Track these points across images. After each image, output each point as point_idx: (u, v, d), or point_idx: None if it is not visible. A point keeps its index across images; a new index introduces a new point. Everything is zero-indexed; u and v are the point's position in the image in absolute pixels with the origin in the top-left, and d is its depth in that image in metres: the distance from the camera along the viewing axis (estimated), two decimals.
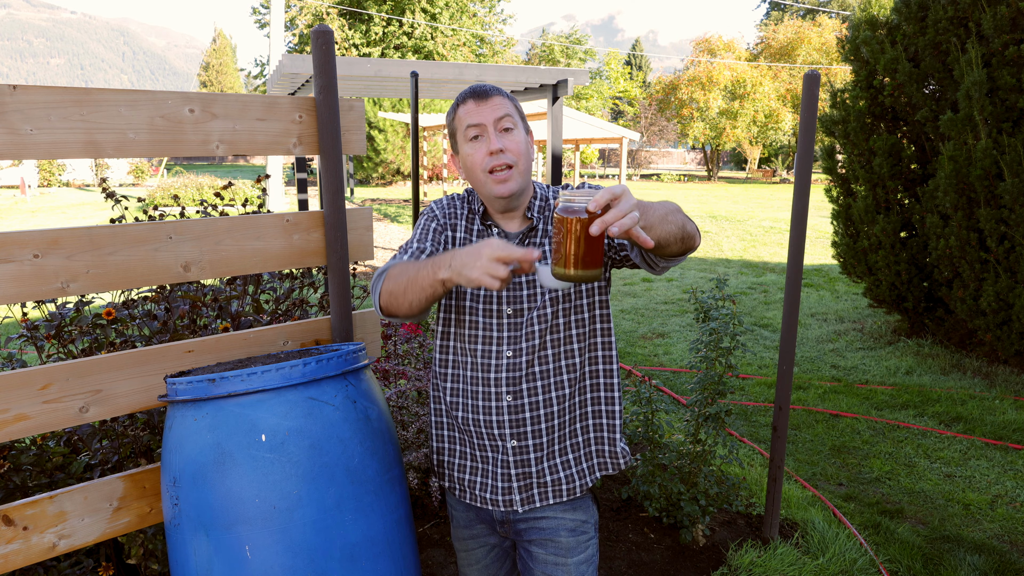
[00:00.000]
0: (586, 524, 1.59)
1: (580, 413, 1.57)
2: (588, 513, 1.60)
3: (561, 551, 1.57)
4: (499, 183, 1.44)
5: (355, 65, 6.61)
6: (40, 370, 1.59)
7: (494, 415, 1.52)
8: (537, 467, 1.54)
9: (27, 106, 1.52)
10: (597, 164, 47.89)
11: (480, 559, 1.69)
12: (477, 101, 1.45)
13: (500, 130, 1.45)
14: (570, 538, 1.57)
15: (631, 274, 9.72)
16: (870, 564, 2.73)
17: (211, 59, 63.43)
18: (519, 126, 1.48)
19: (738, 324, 2.76)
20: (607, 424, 1.58)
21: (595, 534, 1.62)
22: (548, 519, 1.57)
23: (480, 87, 1.48)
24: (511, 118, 1.46)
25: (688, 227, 1.30)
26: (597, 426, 1.58)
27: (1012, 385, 4.96)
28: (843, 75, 27.52)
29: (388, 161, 28.33)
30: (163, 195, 17.77)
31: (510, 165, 1.44)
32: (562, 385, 1.52)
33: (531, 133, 1.56)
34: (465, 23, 31.20)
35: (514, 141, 1.45)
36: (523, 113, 1.54)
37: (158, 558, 2.04)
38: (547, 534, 1.57)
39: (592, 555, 1.61)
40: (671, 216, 1.26)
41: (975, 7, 5.05)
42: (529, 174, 1.50)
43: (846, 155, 6.20)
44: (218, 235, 1.81)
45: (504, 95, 1.49)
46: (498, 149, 1.43)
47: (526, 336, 1.49)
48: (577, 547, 1.58)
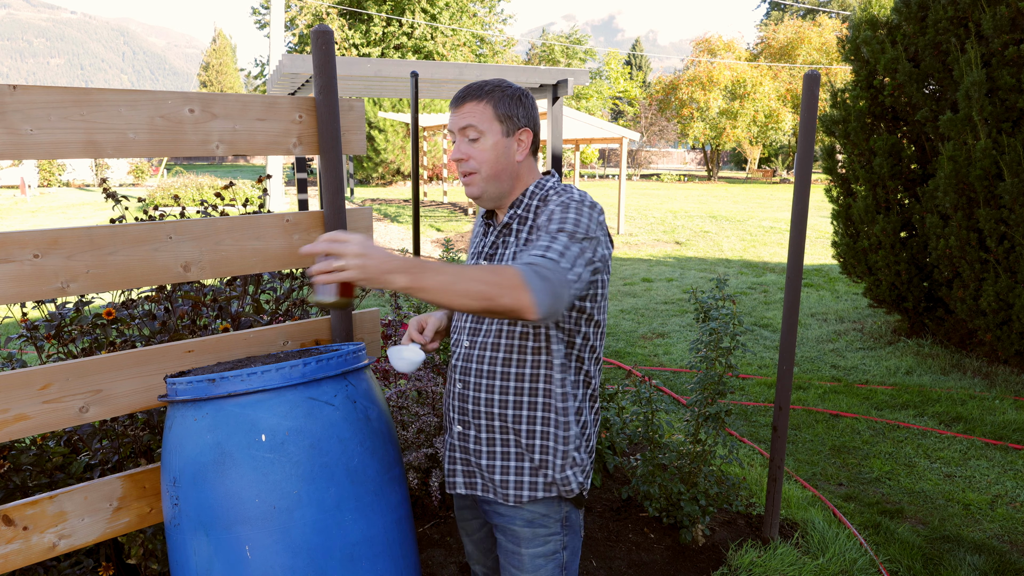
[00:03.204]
0: (547, 519, 1.57)
1: (527, 426, 1.53)
2: (551, 508, 1.57)
3: (516, 540, 1.58)
4: (465, 185, 1.54)
5: (355, 65, 6.61)
6: (40, 370, 1.59)
7: (449, 399, 1.65)
8: (476, 459, 1.59)
9: (27, 106, 1.52)
10: (597, 164, 47.89)
11: (472, 531, 1.77)
12: (454, 107, 1.53)
13: (466, 139, 1.51)
14: (526, 529, 1.57)
15: (631, 274, 9.73)
16: (870, 564, 2.73)
17: (211, 59, 63.41)
18: (489, 133, 1.49)
19: (738, 324, 2.76)
20: (553, 447, 1.53)
21: (561, 531, 1.58)
22: (507, 506, 1.58)
23: (461, 91, 1.52)
24: (475, 128, 1.49)
25: (490, 294, 1.21)
26: (544, 448, 1.53)
27: (1012, 385, 4.96)
28: (843, 75, 27.52)
29: (388, 161, 28.32)
30: (163, 195, 17.76)
31: (471, 172, 1.51)
32: (507, 390, 1.53)
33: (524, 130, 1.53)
34: (465, 23, 31.20)
35: (478, 149, 1.50)
36: (508, 113, 1.50)
37: (158, 558, 2.04)
38: (505, 521, 1.59)
39: (554, 551, 1.58)
40: (460, 285, 1.21)
41: (975, 7, 5.05)
42: (499, 178, 1.52)
43: (846, 155, 6.20)
44: (218, 235, 1.81)
45: (482, 99, 1.49)
46: (458, 159, 1.51)
47: (484, 332, 1.56)
48: (534, 539, 1.57)
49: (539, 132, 1.58)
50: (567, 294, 1.31)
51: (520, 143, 1.53)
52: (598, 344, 1.58)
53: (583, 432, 1.57)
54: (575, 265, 1.35)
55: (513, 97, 1.52)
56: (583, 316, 1.52)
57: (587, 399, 1.58)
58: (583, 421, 1.57)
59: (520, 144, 1.53)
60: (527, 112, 1.54)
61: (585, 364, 1.55)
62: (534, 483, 1.54)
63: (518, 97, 1.52)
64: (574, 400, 1.54)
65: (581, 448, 1.56)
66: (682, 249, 12.12)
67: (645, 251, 11.92)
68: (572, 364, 1.54)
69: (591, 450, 1.61)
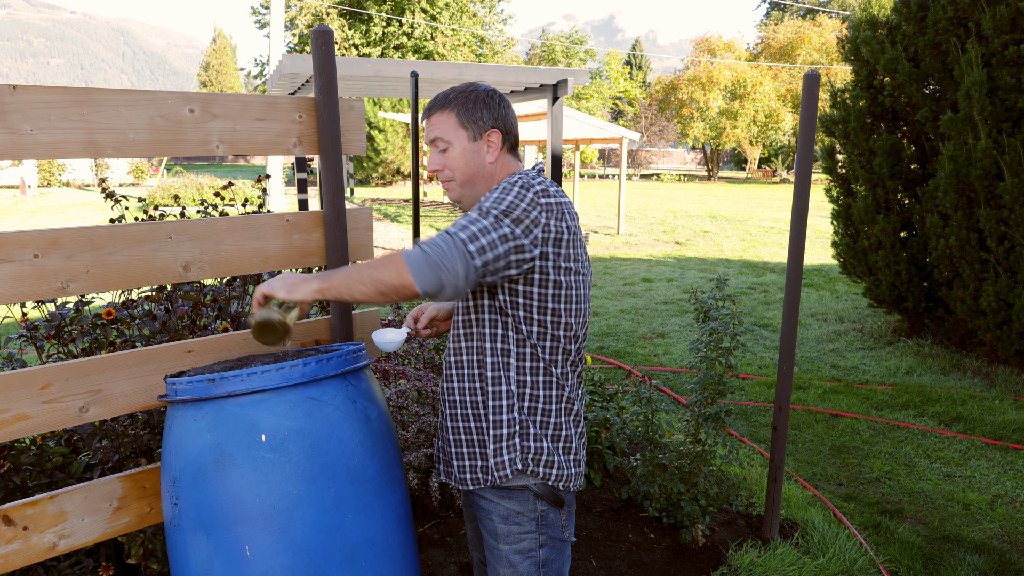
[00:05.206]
0: (520, 516, 1.57)
1: (467, 410, 1.58)
2: (524, 506, 1.56)
3: (493, 534, 1.60)
4: (446, 192, 1.61)
5: (355, 65, 6.61)
6: (40, 370, 1.59)
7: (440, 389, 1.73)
8: (447, 447, 1.64)
9: (27, 106, 1.52)
10: (597, 164, 47.87)
11: (472, 518, 1.79)
12: (424, 119, 1.60)
13: (437, 149, 1.57)
14: (502, 524, 1.58)
15: (631, 274, 9.73)
16: (870, 564, 2.73)
17: (211, 59, 63.41)
18: (455, 140, 1.55)
19: (738, 324, 2.76)
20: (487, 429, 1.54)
21: (536, 529, 1.57)
22: (485, 499, 1.60)
23: (428, 104, 1.58)
24: (442, 140, 1.55)
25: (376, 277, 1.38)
26: (477, 428, 1.56)
27: (1012, 385, 4.96)
28: (843, 75, 27.51)
29: (388, 161, 28.32)
30: (163, 195, 17.76)
31: (448, 179, 1.58)
32: (461, 378, 1.58)
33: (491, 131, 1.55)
34: (465, 23, 31.19)
35: (449, 158, 1.56)
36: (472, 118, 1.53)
37: (158, 558, 2.04)
38: (483, 514, 1.61)
39: (529, 549, 1.58)
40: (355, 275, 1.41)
41: (975, 7, 5.05)
42: (473, 182, 1.57)
43: (846, 155, 6.19)
44: (218, 235, 1.81)
45: (445, 108, 1.54)
46: (434, 170, 1.58)
47: (453, 324, 1.63)
48: (509, 536, 1.58)
49: (511, 129, 1.59)
50: (460, 266, 1.35)
51: (490, 144, 1.56)
52: (560, 334, 1.53)
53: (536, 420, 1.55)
54: (478, 238, 1.37)
55: (477, 100, 1.54)
56: (525, 301, 1.49)
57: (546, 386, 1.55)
58: (540, 408, 1.55)
59: (490, 145, 1.56)
60: (492, 113, 1.55)
61: (541, 351, 1.53)
62: (475, 467, 1.57)
63: (483, 100, 1.54)
64: (520, 387, 1.53)
65: (533, 436, 1.54)
66: (682, 249, 12.12)
67: (645, 251, 11.92)
68: (526, 351, 1.52)
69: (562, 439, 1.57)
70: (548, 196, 1.47)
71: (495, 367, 1.54)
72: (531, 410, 1.55)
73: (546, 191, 1.48)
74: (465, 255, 1.35)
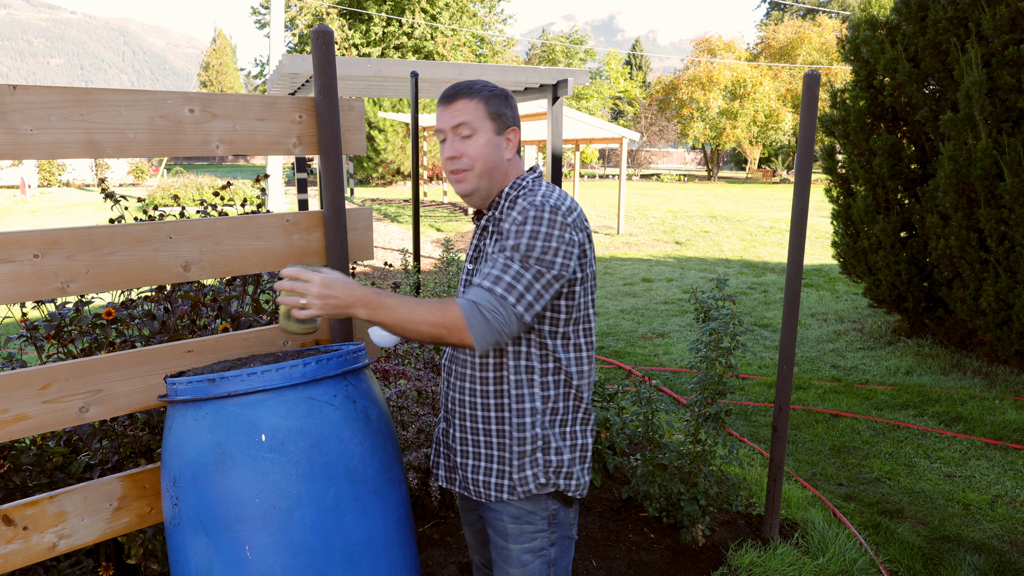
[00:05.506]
0: (533, 515, 1.57)
1: (488, 425, 1.54)
2: (537, 505, 1.57)
3: (503, 535, 1.59)
4: (456, 183, 1.56)
5: (355, 65, 6.60)
6: (40, 370, 1.59)
7: (440, 394, 1.70)
8: (454, 456, 1.62)
9: (27, 106, 1.52)
10: (597, 164, 47.87)
11: (471, 521, 1.80)
12: (443, 105, 1.54)
13: (459, 136, 1.53)
14: (512, 525, 1.57)
15: (631, 274, 9.73)
16: (870, 564, 2.73)
17: (211, 59, 63.41)
18: (481, 130, 1.52)
19: (738, 324, 2.76)
20: (510, 446, 1.53)
21: (548, 528, 1.58)
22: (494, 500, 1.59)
23: (449, 90, 1.55)
24: (468, 125, 1.51)
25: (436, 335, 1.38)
26: (500, 444, 1.54)
27: (1012, 385, 4.96)
28: (843, 75, 27.52)
29: (388, 161, 28.32)
30: (163, 195, 17.75)
31: (465, 169, 1.53)
32: (474, 392, 1.55)
33: (512, 129, 1.56)
34: (465, 23, 31.18)
35: (472, 146, 1.52)
36: (498, 112, 1.53)
37: (158, 558, 2.04)
38: (493, 516, 1.60)
39: (540, 548, 1.58)
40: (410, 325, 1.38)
41: (975, 7, 5.05)
42: (491, 175, 1.55)
43: (846, 155, 6.19)
44: (218, 235, 1.81)
45: (473, 96, 1.52)
46: (450, 156, 1.53)
47: None
48: (520, 535, 1.57)
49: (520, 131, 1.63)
50: (513, 327, 1.40)
51: (508, 141, 1.57)
52: (583, 342, 1.56)
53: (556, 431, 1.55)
54: (526, 294, 1.40)
55: (500, 97, 1.55)
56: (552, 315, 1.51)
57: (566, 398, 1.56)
58: (559, 420, 1.56)
59: (509, 143, 1.57)
60: (513, 112, 1.58)
61: (564, 363, 1.54)
62: (500, 484, 1.55)
63: (504, 97, 1.56)
64: (544, 402, 1.53)
65: (555, 450, 1.55)
66: (682, 249, 12.12)
67: (645, 251, 11.92)
68: (550, 365, 1.53)
69: (579, 448, 1.58)
70: (572, 212, 1.49)
71: (519, 384, 1.52)
72: (552, 423, 1.56)
73: (570, 208, 1.49)
74: (517, 316, 1.40)
